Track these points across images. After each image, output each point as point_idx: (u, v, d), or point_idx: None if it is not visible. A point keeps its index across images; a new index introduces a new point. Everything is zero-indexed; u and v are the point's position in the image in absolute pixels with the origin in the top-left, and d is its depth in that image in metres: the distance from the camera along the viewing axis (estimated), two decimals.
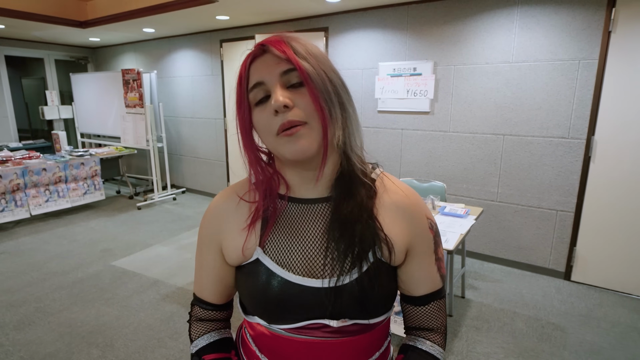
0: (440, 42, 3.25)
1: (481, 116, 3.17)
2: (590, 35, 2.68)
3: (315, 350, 0.65)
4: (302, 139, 0.59)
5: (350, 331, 0.65)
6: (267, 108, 0.60)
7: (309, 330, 0.65)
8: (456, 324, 2.43)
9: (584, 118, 2.78)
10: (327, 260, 0.64)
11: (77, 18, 4.38)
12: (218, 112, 4.98)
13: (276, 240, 0.67)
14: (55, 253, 3.50)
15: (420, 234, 0.69)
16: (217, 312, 0.77)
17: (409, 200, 0.69)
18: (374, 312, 0.66)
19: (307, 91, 0.59)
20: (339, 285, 0.62)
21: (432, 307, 0.71)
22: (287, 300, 0.64)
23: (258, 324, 0.69)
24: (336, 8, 3.57)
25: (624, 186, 2.72)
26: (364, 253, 0.63)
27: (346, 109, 0.64)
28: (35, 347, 2.20)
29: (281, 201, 0.69)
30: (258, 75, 0.61)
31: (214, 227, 0.72)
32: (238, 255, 0.68)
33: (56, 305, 2.63)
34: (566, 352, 2.17)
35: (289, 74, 0.60)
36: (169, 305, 2.65)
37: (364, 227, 0.63)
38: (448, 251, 2.01)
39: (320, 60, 0.61)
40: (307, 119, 0.60)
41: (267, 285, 0.65)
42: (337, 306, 0.63)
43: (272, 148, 0.63)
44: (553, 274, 3.07)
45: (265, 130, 0.62)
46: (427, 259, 0.69)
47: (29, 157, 4.37)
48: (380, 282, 0.64)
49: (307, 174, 0.66)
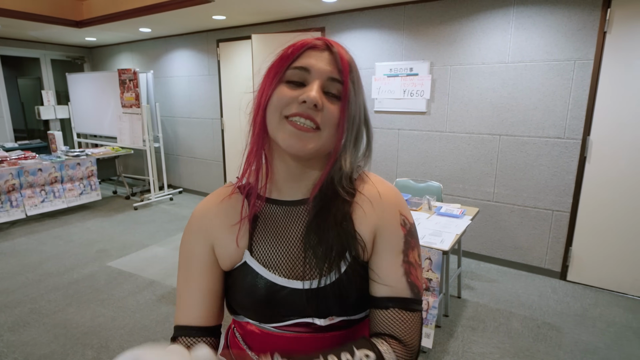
0: (437, 43, 3.26)
1: (477, 116, 3.18)
2: (585, 35, 2.69)
3: (305, 344, 0.67)
4: (303, 140, 0.60)
5: (337, 326, 0.67)
6: (295, 92, 0.61)
7: (298, 327, 0.67)
8: (452, 324, 2.43)
9: (579, 118, 2.79)
10: (306, 265, 0.65)
11: (73, 18, 4.36)
12: (215, 112, 4.97)
13: (262, 243, 0.68)
14: (51, 254, 3.49)
15: (388, 227, 0.66)
16: (206, 339, 0.68)
17: (381, 194, 0.69)
18: (357, 308, 0.67)
19: (338, 107, 0.62)
20: (320, 287, 0.63)
21: (392, 314, 0.63)
22: (274, 301, 0.65)
23: (248, 323, 0.70)
24: (333, 8, 3.57)
25: (619, 186, 2.73)
26: (342, 255, 0.64)
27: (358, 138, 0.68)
28: (29, 348, 2.19)
29: (260, 201, 0.69)
30: (308, 62, 0.62)
31: (202, 236, 0.70)
32: (230, 259, 0.69)
33: (51, 307, 2.62)
34: (562, 351, 2.18)
35: (333, 83, 0.61)
36: (164, 306, 2.64)
37: (339, 232, 0.64)
38: (443, 252, 2.01)
39: (361, 91, 0.66)
40: (322, 126, 0.61)
41: (254, 286, 0.66)
42: (322, 306, 0.64)
43: (273, 128, 0.63)
44: (549, 273, 3.08)
45: (278, 108, 0.62)
46: (392, 256, 0.65)
47: (24, 158, 4.35)
48: (357, 279, 0.65)
49: (296, 171, 0.67)
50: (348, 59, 0.63)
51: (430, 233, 2.20)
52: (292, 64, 0.62)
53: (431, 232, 2.21)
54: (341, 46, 0.65)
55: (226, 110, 4.84)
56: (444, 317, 2.49)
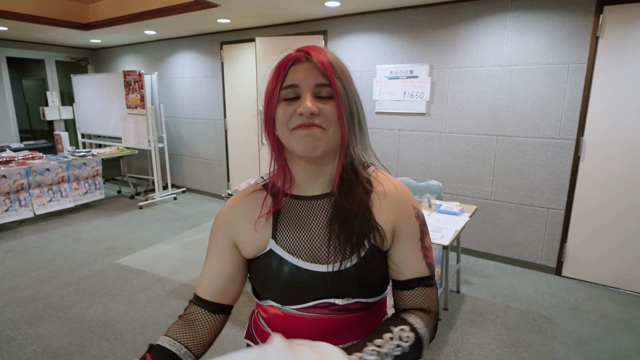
0: (436, 46, 3.36)
1: (475, 117, 3.28)
2: (579, 40, 2.79)
3: (324, 326, 0.75)
4: (314, 139, 0.69)
5: (353, 309, 0.75)
6: (293, 106, 0.70)
7: (318, 309, 0.74)
8: (451, 317, 2.53)
9: (573, 119, 2.90)
10: (330, 249, 0.73)
11: (79, 20, 4.45)
12: (218, 113, 5.06)
13: (286, 233, 0.76)
14: (61, 251, 3.58)
15: (406, 221, 0.77)
16: (209, 315, 0.79)
17: (398, 191, 0.79)
18: (373, 291, 0.76)
19: (333, 105, 0.70)
20: (342, 269, 0.72)
21: (417, 292, 0.76)
22: (298, 283, 0.73)
23: (271, 306, 0.79)
24: (335, 12, 3.67)
25: (612, 185, 2.84)
26: (361, 242, 0.73)
27: (361, 125, 0.76)
28: (47, 340, 2.28)
29: (286, 198, 0.79)
30: (295, 78, 0.71)
31: (226, 226, 0.81)
32: (254, 247, 0.78)
33: (64, 302, 2.71)
34: (556, 342, 2.28)
35: (322, 87, 0.70)
36: (174, 300, 2.73)
37: (361, 221, 0.73)
38: (443, 247, 2.11)
39: (350, 82, 0.73)
40: (325, 126, 0.70)
41: (279, 271, 0.75)
42: (341, 287, 0.73)
43: (286, 140, 0.72)
44: (544, 269, 3.19)
45: (284, 123, 0.71)
46: (413, 244, 0.76)
47: (32, 158, 4.43)
48: (376, 265, 0.75)
49: (312, 171, 0.76)
50: (328, 60, 0.70)
51: (430, 229, 2.30)
52: (283, 84, 0.72)
53: (432, 228, 2.31)
54: (319, 51, 0.71)
55: (229, 111, 4.93)
56: (444, 310, 2.59)
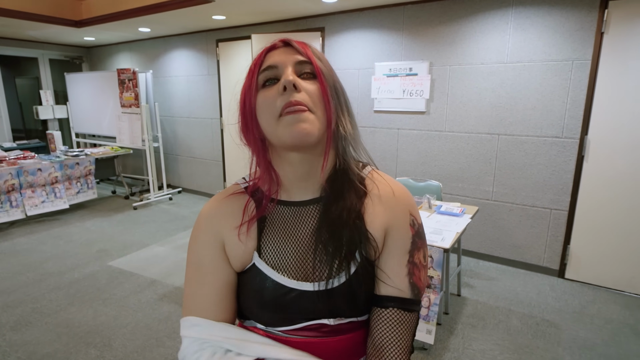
0: (436, 43, 3.28)
1: (476, 116, 3.20)
2: (583, 36, 2.72)
3: (315, 350, 0.66)
4: (305, 123, 0.59)
5: (345, 329, 0.67)
6: (274, 87, 0.62)
7: (307, 331, 0.66)
8: (452, 321, 2.45)
9: (577, 118, 2.82)
10: (316, 262, 0.64)
11: (72, 17, 4.36)
12: (214, 111, 4.98)
13: (270, 245, 0.67)
14: (52, 254, 3.49)
15: (398, 227, 0.67)
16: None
17: (395, 194, 0.70)
18: (365, 309, 0.67)
19: (317, 84, 0.62)
20: (330, 288, 0.63)
21: (391, 314, 0.64)
22: (283, 303, 0.64)
23: (254, 328, 0.69)
24: (332, 8, 3.59)
25: (616, 185, 2.76)
26: (351, 255, 0.64)
27: (349, 111, 0.68)
28: (32, 347, 2.20)
29: (272, 204, 0.69)
30: (272, 60, 0.63)
31: (213, 232, 0.69)
32: (241, 260, 0.68)
33: (53, 306, 2.62)
34: (560, 348, 2.21)
35: (302, 65, 0.63)
36: (166, 305, 2.65)
37: (352, 229, 0.64)
38: (444, 249, 2.04)
39: (330, 68, 0.67)
40: (313, 108, 0.61)
41: (262, 289, 0.65)
42: (332, 307, 0.64)
43: (272, 131, 0.62)
44: (547, 271, 3.11)
45: (267, 111, 0.61)
46: (398, 257, 0.66)
47: (23, 157, 4.35)
48: (367, 280, 0.65)
49: (302, 169, 0.66)
50: (307, 44, 0.66)
51: (431, 231, 2.22)
52: (261, 68, 0.64)
53: (432, 230, 2.24)
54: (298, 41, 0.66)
55: (225, 110, 4.85)
56: (445, 314, 2.51)
